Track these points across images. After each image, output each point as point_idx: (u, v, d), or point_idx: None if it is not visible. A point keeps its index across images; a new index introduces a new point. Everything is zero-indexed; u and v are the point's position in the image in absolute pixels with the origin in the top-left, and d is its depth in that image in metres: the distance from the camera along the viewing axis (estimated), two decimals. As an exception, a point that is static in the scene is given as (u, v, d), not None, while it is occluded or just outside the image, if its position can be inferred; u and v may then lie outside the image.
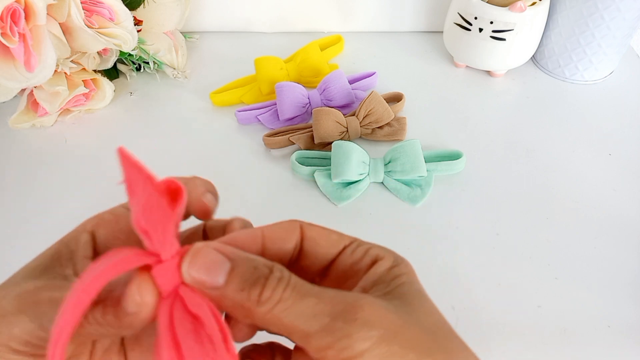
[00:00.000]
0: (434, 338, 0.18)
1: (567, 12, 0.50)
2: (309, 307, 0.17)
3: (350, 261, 0.21)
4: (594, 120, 0.50)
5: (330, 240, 0.21)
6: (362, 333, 0.16)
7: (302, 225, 0.21)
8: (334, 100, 0.48)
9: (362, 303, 0.17)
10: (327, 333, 0.17)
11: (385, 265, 0.20)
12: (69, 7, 0.40)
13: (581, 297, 0.36)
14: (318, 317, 0.17)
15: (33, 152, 0.47)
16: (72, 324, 0.17)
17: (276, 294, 0.17)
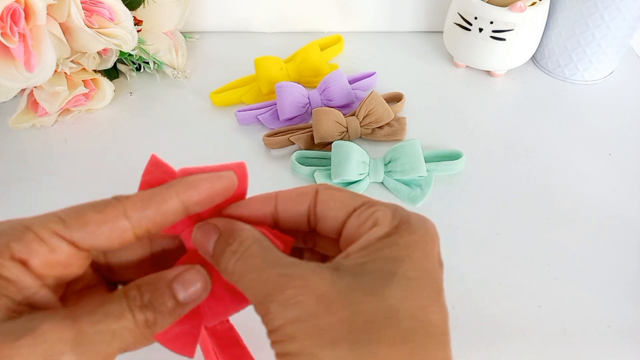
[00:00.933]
0: (356, 327, 0.17)
1: (567, 12, 0.50)
2: (250, 282, 0.19)
3: (356, 224, 0.20)
4: (594, 120, 0.50)
5: (341, 201, 0.21)
6: (276, 313, 0.18)
7: (317, 189, 0.21)
8: (334, 100, 0.48)
9: (293, 282, 0.18)
10: (258, 307, 0.19)
11: (378, 232, 0.19)
12: (69, 7, 0.40)
13: (581, 297, 0.36)
14: (255, 292, 0.19)
15: (33, 152, 0.47)
16: None
17: (229, 265, 0.20)
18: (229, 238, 0.20)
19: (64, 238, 0.19)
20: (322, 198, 0.21)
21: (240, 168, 0.21)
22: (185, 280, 0.20)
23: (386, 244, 0.19)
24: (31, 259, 0.18)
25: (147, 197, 0.20)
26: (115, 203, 0.20)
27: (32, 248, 0.18)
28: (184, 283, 0.20)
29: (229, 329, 0.28)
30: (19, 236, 0.18)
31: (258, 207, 0.21)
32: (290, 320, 0.17)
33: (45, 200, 0.43)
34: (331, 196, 0.21)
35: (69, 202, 0.45)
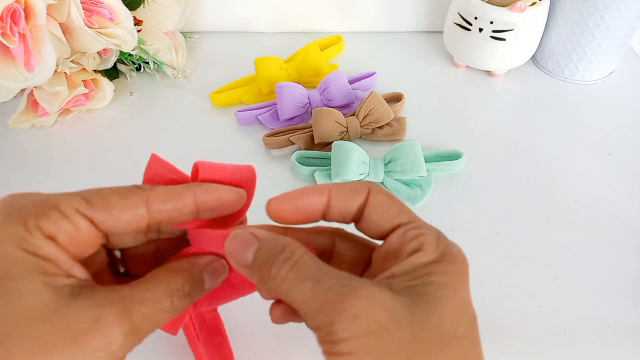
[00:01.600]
0: (424, 346, 0.18)
1: (567, 12, 0.50)
2: (306, 290, 0.18)
3: (398, 241, 0.21)
4: (594, 120, 0.50)
5: (388, 212, 0.21)
6: (345, 324, 0.17)
7: (370, 189, 0.21)
8: (334, 100, 0.48)
9: (359, 293, 0.18)
10: (317, 317, 0.18)
11: (425, 258, 0.20)
12: (69, 7, 0.40)
13: (581, 297, 0.36)
14: (311, 301, 0.18)
15: (33, 152, 0.47)
16: None
17: (281, 272, 0.19)
18: (277, 246, 0.20)
19: (87, 217, 0.19)
20: (373, 201, 0.21)
21: (250, 171, 0.23)
22: (215, 270, 0.21)
23: (432, 270, 0.20)
24: (59, 235, 0.19)
25: (168, 192, 0.21)
26: (139, 192, 0.21)
27: (59, 225, 0.19)
28: (213, 272, 0.21)
29: (215, 318, 0.29)
30: (46, 213, 0.19)
31: (311, 199, 0.21)
32: (360, 334, 0.17)
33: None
34: (381, 202, 0.21)
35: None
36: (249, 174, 0.23)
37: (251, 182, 0.23)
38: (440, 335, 0.18)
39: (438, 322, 0.18)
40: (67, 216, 0.19)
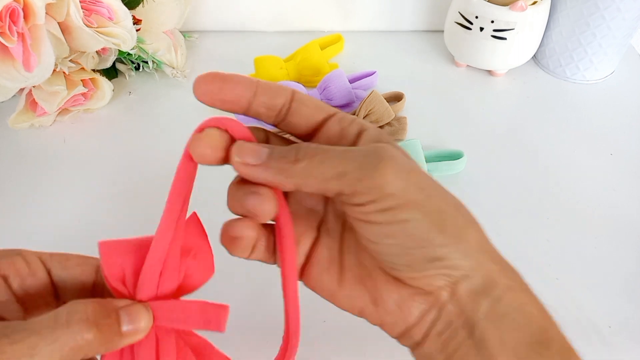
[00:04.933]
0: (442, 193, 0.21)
1: (567, 12, 0.50)
2: (340, 150, 0.20)
3: (338, 127, 0.22)
4: (595, 119, 0.50)
5: (316, 104, 0.23)
6: (389, 178, 0.19)
7: (293, 91, 0.23)
8: (334, 100, 0.48)
9: (385, 145, 0.20)
10: (361, 167, 0.19)
11: (371, 134, 0.22)
12: (67, 7, 0.40)
13: (582, 298, 0.36)
14: (351, 158, 0.20)
15: (32, 152, 0.47)
16: None
17: (309, 149, 0.21)
18: (290, 147, 0.21)
19: (45, 265, 0.22)
20: (299, 97, 0.23)
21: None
22: (132, 313, 0.20)
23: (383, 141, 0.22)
24: (11, 276, 0.21)
25: None
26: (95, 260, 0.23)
27: (16, 267, 0.21)
28: (130, 314, 0.20)
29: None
30: (6, 256, 0.21)
31: (240, 88, 0.23)
32: (404, 183, 0.20)
33: (44, 200, 0.43)
34: (307, 98, 0.23)
35: (67, 202, 0.45)
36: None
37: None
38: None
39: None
40: (26, 260, 0.21)
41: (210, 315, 0.21)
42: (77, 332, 0.19)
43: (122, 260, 0.22)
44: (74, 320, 0.19)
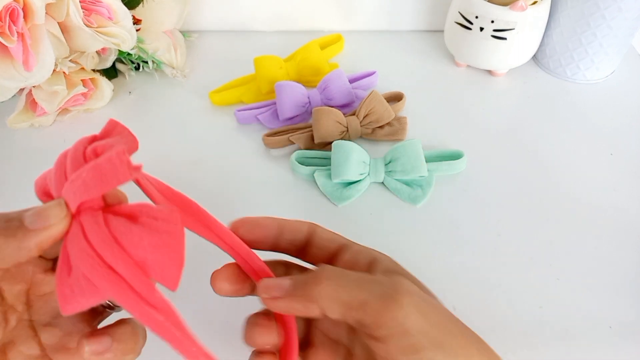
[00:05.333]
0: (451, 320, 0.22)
1: (568, 12, 0.50)
2: (358, 275, 0.22)
3: (351, 257, 0.24)
4: (596, 119, 0.50)
5: (333, 236, 0.26)
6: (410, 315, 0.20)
7: (310, 223, 0.26)
8: (334, 100, 0.48)
9: (402, 280, 0.22)
10: (382, 298, 0.20)
11: (386, 265, 0.24)
12: (67, 6, 0.40)
13: (583, 298, 0.36)
14: (370, 287, 0.21)
15: (32, 152, 0.47)
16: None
17: (329, 270, 0.22)
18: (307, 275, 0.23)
19: None
20: (319, 229, 0.26)
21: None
22: (37, 210, 0.20)
23: (394, 271, 0.24)
24: None
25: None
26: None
27: None
28: (36, 212, 0.20)
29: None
30: None
31: (266, 226, 0.25)
32: (419, 322, 0.20)
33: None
34: (325, 230, 0.26)
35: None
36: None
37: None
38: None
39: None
40: None
41: (108, 166, 0.19)
42: None
43: (46, 176, 0.21)
44: None
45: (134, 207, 0.21)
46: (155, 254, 0.19)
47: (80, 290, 0.19)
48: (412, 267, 0.38)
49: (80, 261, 0.19)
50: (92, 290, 0.19)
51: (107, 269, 0.19)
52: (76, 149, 0.21)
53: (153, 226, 0.20)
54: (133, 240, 0.19)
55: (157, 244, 0.19)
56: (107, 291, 0.19)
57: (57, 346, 0.22)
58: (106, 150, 0.20)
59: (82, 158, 0.21)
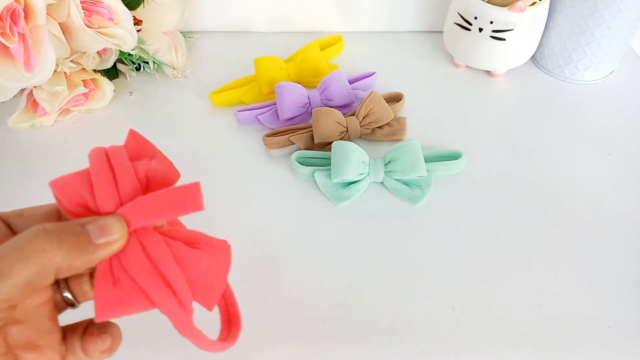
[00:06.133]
0: None
1: (567, 12, 0.50)
2: None
3: None
4: (594, 120, 0.50)
5: None
6: None
7: None
8: (334, 100, 0.48)
9: None
10: None
11: None
12: (68, 7, 0.40)
13: (581, 298, 0.36)
14: None
15: (33, 152, 0.47)
16: None
17: None
18: None
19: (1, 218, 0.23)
20: None
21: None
22: (100, 224, 0.21)
23: None
24: None
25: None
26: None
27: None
28: (99, 227, 0.20)
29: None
30: None
31: None
32: None
33: (45, 200, 0.43)
34: None
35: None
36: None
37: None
38: None
39: None
40: None
41: (182, 196, 0.21)
42: (38, 244, 0.19)
43: (77, 185, 0.22)
44: (33, 235, 0.19)
45: (190, 232, 0.23)
46: (206, 277, 0.22)
47: (130, 300, 0.21)
48: (411, 266, 0.38)
49: (139, 275, 0.21)
50: (143, 301, 0.21)
51: (166, 285, 0.21)
52: (122, 165, 0.22)
53: (210, 253, 0.23)
54: (192, 263, 0.22)
55: (211, 269, 0.22)
56: (161, 304, 0.21)
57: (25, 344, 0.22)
58: (158, 176, 0.22)
59: (134, 178, 0.22)
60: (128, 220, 0.21)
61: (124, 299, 0.21)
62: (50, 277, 0.20)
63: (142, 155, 0.23)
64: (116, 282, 0.21)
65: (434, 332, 0.34)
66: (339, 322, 0.35)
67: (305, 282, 0.37)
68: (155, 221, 0.21)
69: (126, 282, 0.21)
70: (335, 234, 0.40)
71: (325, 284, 0.37)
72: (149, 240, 0.21)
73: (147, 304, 0.21)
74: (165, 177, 0.23)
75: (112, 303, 0.21)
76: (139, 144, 0.24)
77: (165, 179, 0.23)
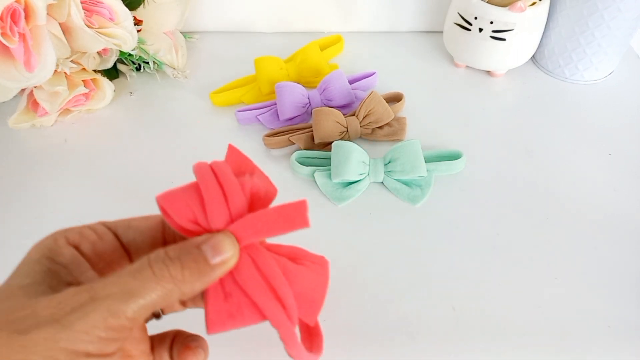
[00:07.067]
0: None
1: (567, 12, 0.50)
2: None
3: None
4: (594, 120, 0.50)
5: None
6: None
7: None
8: (334, 100, 0.48)
9: None
10: None
11: None
12: (69, 7, 0.40)
13: (581, 297, 0.36)
14: None
15: (33, 153, 0.47)
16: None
17: None
18: None
19: (110, 229, 0.23)
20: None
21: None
22: (213, 244, 0.21)
23: None
24: (82, 244, 0.22)
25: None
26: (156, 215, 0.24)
27: (83, 235, 0.22)
28: (213, 246, 0.21)
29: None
30: (73, 228, 0.23)
31: None
32: None
33: (45, 200, 0.43)
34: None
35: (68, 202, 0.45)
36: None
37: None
38: None
39: None
40: (92, 228, 0.23)
41: (290, 214, 0.22)
42: (165, 270, 0.19)
43: (187, 201, 0.22)
44: (161, 261, 0.20)
45: (291, 248, 0.24)
46: (308, 292, 0.23)
47: (241, 314, 0.22)
48: (411, 266, 0.38)
49: (253, 290, 0.22)
50: (253, 315, 0.22)
51: (277, 299, 0.22)
52: (230, 181, 0.22)
53: (313, 269, 0.24)
54: (297, 278, 0.23)
55: (314, 284, 0.24)
56: (274, 318, 0.22)
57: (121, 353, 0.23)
58: (260, 192, 0.23)
59: (242, 195, 0.22)
60: (239, 237, 0.21)
61: (234, 313, 0.21)
62: (175, 301, 0.21)
63: (243, 170, 0.24)
64: (227, 297, 0.22)
65: (434, 332, 0.34)
66: (338, 322, 0.35)
67: (305, 282, 0.37)
68: (264, 237, 0.22)
69: (237, 296, 0.22)
70: (335, 234, 0.40)
71: (325, 283, 0.37)
72: (259, 255, 0.22)
73: (256, 318, 0.22)
74: (267, 193, 0.24)
75: (223, 317, 0.21)
76: (238, 159, 0.24)
77: (267, 196, 0.24)
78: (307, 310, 0.24)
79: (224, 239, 0.21)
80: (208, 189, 0.22)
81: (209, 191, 0.21)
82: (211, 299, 0.21)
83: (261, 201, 0.23)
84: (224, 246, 0.21)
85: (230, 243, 0.21)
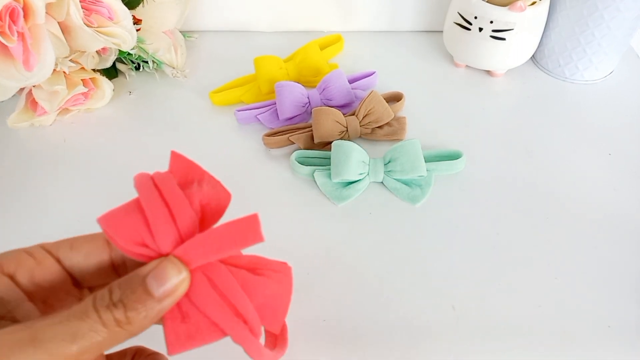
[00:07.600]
0: None
1: (567, 12, 0.50)
2: None
3: None
4: (594, 119, 0.50)
5: None
6: None
7: None
8: (334, 100, 0.48)
9: None
10: None
11: None
12: (68, 6, 0.40)
13: (581, 297, 0.36)
14: None
15: (32, 152, 0.47)
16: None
17: None
18: None
19: (51, 254, 0.21)
20: None
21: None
22: (159, 275, 0.20)
23: None
24: (18, 272, 0.21)
25: None
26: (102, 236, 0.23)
27: (20, 262, 0.21)
28: (158, 277, 0.19)
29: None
30: (9, 255, 0.21)
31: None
32: None
33: (44, 200, 0.43)
34: None
35: (67, 201, 0.45)
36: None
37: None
38: None
39: None
40: (29, 252, 0.21)
41: (243, 229, 0.20)
42: (107, 314, 0.18)
43: (132, 222, 0.20)
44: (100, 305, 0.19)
45: (250, 258, 0.23)
46: (271, 302, 0.23)
47: (201, 334, 0.21)
48: (411, 266, 0.38)
49: (210, 309, 0.21)
50: (213, 333, 0.21)
51: (236, 315, 0.21)
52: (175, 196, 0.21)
53: (274, 278, 0.23)
54: (258, 289, 0.22)
55: (275, 293, 0.23)
56: (235, 335, 0.21)
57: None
58: (212, 203, 0.22)
59: (190, 210, 0.21)
60: (188, 260, 0.20)
61: (194, 333, 0.21)
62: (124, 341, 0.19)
63: (190, 179, 0.22)
64: (185, 317, 0.21)
65: (434, 332, 0.34)
66: (338, 322, 0.35)
67: (305, 282, 0.37)
68: (217, 257, 0.21)
69: (195, 316, 0.21)
70: (335, 233, 0.40)
71: (324, 283, 0.37)
72: (214, 272, 0.21)
73: (217, 335, 0.21)
74: (219, 202, 0.22)
75: (182, 339, 0.21)
76: (184, 166, 0.23)
77: (219, 205, 0.22)
78: (271, 320, 0.23)
79: (167, 266, 0.20)
80: (151, 208, 0.20)
81: (153, 210, 0.20)
82: (168, 321, 0.20)
83: (213, 212, 0.22)
84: (168, 275, 0.20)
85: (175, 270, 0.20)
